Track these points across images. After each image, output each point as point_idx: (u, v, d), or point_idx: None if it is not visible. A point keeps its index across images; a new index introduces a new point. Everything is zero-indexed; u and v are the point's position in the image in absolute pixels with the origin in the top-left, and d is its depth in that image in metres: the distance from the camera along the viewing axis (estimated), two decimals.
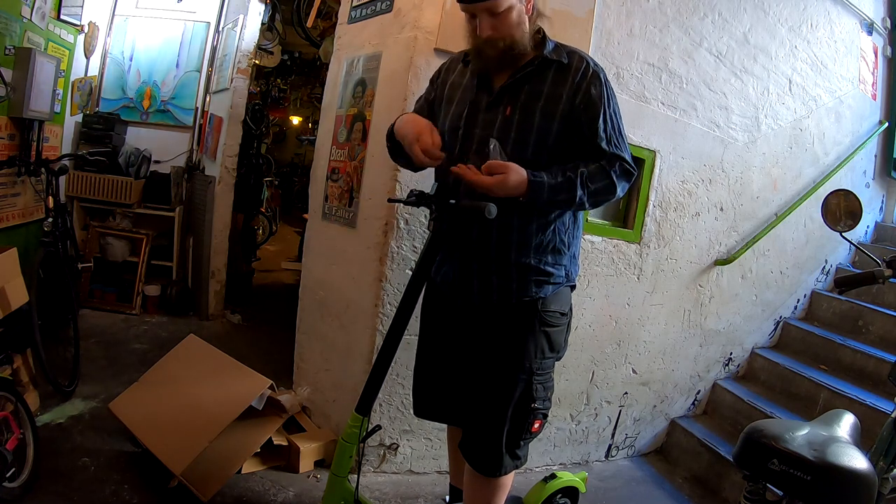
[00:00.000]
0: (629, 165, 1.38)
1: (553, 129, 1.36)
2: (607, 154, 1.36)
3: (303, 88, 9.37)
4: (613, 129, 1.38)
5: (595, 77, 1.37)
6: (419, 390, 1.63)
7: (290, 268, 5.15)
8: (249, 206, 4.16)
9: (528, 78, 1.39)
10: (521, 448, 1.46)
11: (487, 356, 1.43)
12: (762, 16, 2.65)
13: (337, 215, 2.23)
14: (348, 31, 2.32)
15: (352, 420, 1.39)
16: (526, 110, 1.37)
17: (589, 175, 1.33)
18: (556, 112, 1.36)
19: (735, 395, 2.72)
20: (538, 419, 1.44)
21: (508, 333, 1.41)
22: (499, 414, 1.41)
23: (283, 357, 2.71)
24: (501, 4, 1.35)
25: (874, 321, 2.91)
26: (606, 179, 1.35)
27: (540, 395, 1.42)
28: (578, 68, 1.38)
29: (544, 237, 1.41)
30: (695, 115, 2.47)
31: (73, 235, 3.06)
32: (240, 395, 1.98)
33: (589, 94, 1.36)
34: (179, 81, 3.91)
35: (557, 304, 1.44)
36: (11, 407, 1.71)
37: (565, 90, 1.37)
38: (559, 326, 1.45)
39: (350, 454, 1.39)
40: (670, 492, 2.40)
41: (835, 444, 1.22)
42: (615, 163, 1.36)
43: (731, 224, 2.73)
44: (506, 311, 1.42)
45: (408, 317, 1.38)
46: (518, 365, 1.40)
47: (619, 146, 1.38)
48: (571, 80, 1.37)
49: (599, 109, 1.36)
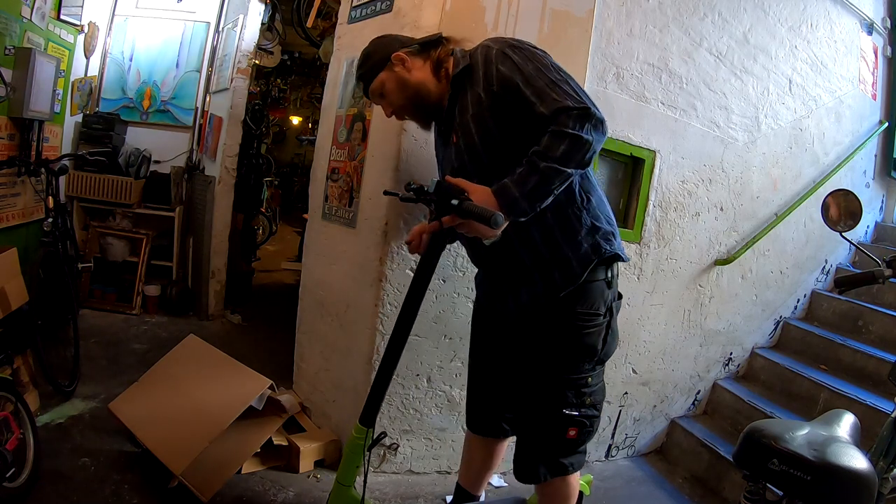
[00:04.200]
0: (578, 110, 1.21)
1: (493, 129, 1.32)
2: (547, 115, 1.23)
3: (303, 88, 9.37)
4: (544, 86, 1.25)
5: (499, 55, 1.31)
6: (473, 407, 1.64)
7: (290, 268, 5.15)
8: (249, 206, 4.16)
9: (454, 99, 1.41)
10: (568, 458, 1.40)
11: (520, 362, 1.42)
12: (762, 16, 2.65)
13: (337, 215, 2.23)
14: (348, 31, 2.31)
15: (356, 431, 1.37)
16: (464, 128, 1.36)
17: (544, 147, 1.21)
18: (485, 112, 1.32)
19: (735, 395, 2.72)
20: (573, 426, 1.35)
21: (538, 339, 1.38)
22: (529, 420, 1.40)
23: (283, 357, 2.71)
24: (375, 90, 1.48)
25: (874, 321, 2.91)
26: (564, 139, 1.20)
27: (571, 401, 1.34)
28: (480, 60, 1.35)
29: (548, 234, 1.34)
30: (695, 115, 2.47)
31: (73, 235, 3.06)
32: (240, 395, 1.98)
33: (501, 74, 1.29)
34: (179, 81, 3.91)
35: (588, 302, 1.34)
36: (11, 407, 1.71)
37: (480, 87, 1.33)
38: (592, 328, 1.35)
39: (356, 464, 1.37)
40: (670, 492, 2.40)
41: (835, 444, 1.22)
42: (561, 118, 1.21)
43: (731, 224, 2.73)
44: (539, 315, 1.37)
45: (411, 323, 1.34)
46: (545, 371, 1.36)
47: (556, 98, 1.23)
48: (481, 75, 1.33)
49: (516, 79, 1.27)
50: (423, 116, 1.51)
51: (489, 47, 1.35)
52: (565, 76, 1.28)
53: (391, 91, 1.46)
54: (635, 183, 2.39)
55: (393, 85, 1.45)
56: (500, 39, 1.37)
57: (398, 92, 1.45)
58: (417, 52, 1.45)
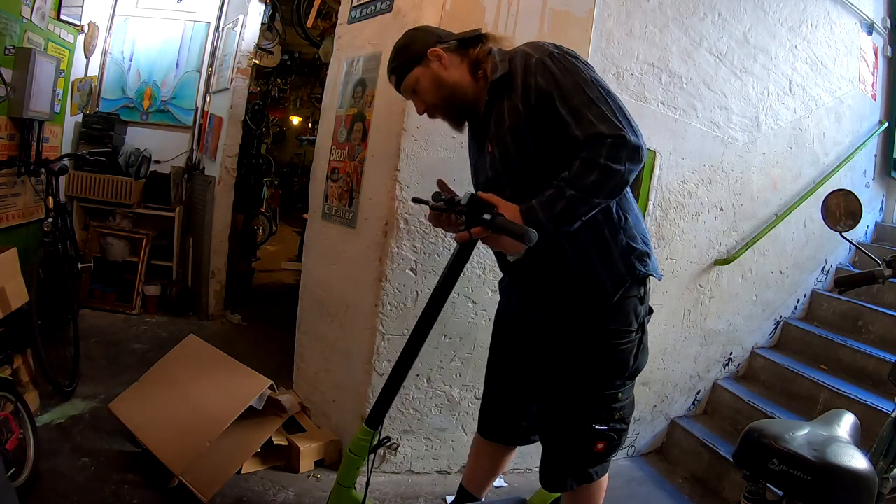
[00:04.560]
0: (612, 138, 1.16)
1: (529, 143, 1.27)
2: (581, 140, 1.19)
3: (303, 88, 9.37)
4: (581, 105, 1.20)
5: (538, 66, 1.24)
6: (489, 413, 1.62)
7: (290, 268, 5.15)
8: (249, 206, 4.16)
9: (491, 107, 1.34)
10: (594, 467, 1.40)
11: (549, 376, 1.40)
12: (762, 16, 2.65)
13: (337, 215, 2.23)
14: (348, 31, 2.32)
15: (361, 433, 1.35)
16: (500, 139, 1.32)
17: (573, 175, 1.18)
18: (522, 125, 1.27)
19: (735, 395, 2.72)
20: (602, 441, 1.35)
21: (569, 354, 1.36)
22: (558, 434, 1.39)
23: (283, 357, 2.71)
24: (408, 86, 1.41)
25: (874, 321, 2.91)
26: (594, 169, 1.16)
27: (602, 416, 1.33)
28: (520, 68, 1.28)
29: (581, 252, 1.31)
30: (695, 115, 2.47)
31: (73, 235, 3.06)
32: (240, 395, 1.98)
33: (538, 86, 1.24)
34: (179, 81, 3.91)
35: (621, 319, 1.32)
36: (11, 407, 1.71)
37: (518, 98, 1.27)
38: (625, 345, 1.33)
39: (358, 466, 1.36)
40: (670, 492, 2.40)
41: (835, 444, 1.22)
42: (595, 146, 1.17)
43: (731, 224, 2.73)
44: (570, 331, 1.35)
45: (429, 328, 1.32)
46: (577, 385, 1.34)
47: (591, 121, 1.18)
48: (519, 84, 1.27)
49: (553, 94, 1.22)
50: (457, 117, 1.45)
51: (529, 55, 1.27)
52: (604, 93, 1.22)
53: (425, 89, 1.39)
54: (635, 183, 2.36)
55: (428, 83, 1.38)
56: (541, 46, 1.29)
57: (433, 90, 1.38)
58: (455, 49, 1.38)
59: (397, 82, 1.44)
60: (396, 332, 2.02)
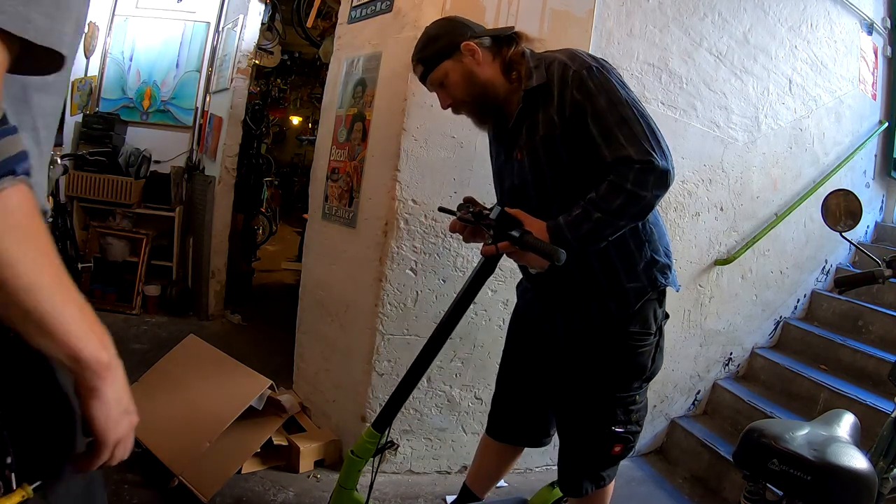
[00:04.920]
0: (640, 164, 1.16)
1: (562, 156, 1.26)
2: (609, 161, 1.19)
3: (303, 88, 9.36)
4: (612, 125, 1.19)
5: (575, 78, 1.22)
6: (500, 414, 1.61)
7: (290, 268, 5.15)
8: (249, 206, 4.16)
9: (524, 115, 1.31)
10: (607, 470, 1.42)
11: (568, 380, 1.40)
12: (762, 16, 2.65)
13: (337, 215, 2.23)
14: (348, 31, 2.32)
15: (367, 436, 1.34)
16: (531, 149, 1.30)
17: (600, 197, 1.19)
18: (556, 138, 1.25)
19: (735, 395, 2.72)
20: (619, 443, 1.36)
21: (589, 357, 1.36)
22: (577, 437, 1.40)
23: (283, 357, 2.71)
24: (436, 79, 1.34)
25: (874, 321, 2.91)
26: (620, 193, 1.17)
27: (620, 418, 1.34)
28: (556, 78, 1.25)
29: (607, 264, 1.32)
30: (695, 115, 2.47)
31: (73, 235, 3.07)
32: (240, 395, 1.98)
33: (574, 100, 1.23)
34: (179, 81, 3.91)
35: (641, 322, 1.34)
36: None
37: (554, 110, 1.25)
38: (644, 347, 1.34)
39: (359, 468, 1.35)
40: (670, 492, 2.40)
41: (835, 444, 1.22)
42: (622, 170, 1.17)
43: (731, 224, 2.73)
44: (589, 335, 1.36)
45: (444, 340, 1.31)
46: (596, 389, 1.35)
47: (621, 144, 1.18)
48: (555, 95, 1.25)
49: (587, 111, 1.21)
50: (484, 116, 1.40)
51: (567, 66, 1.24)
52: (637, 113, 1.20)
53: (455, 83, 1.33)
54: None
55: (458, 77, 1.32)
56: (578, 57, 1.25)
57: (463, 86, 1.33)
58: (488, 46, 1.33)
59: (424, 73, 1.36)
60: (396, 332, 2.02)
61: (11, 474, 0.62)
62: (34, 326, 0.54)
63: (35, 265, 0.52)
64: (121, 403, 0.65)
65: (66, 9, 0.52)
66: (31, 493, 0.63)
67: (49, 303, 0.53)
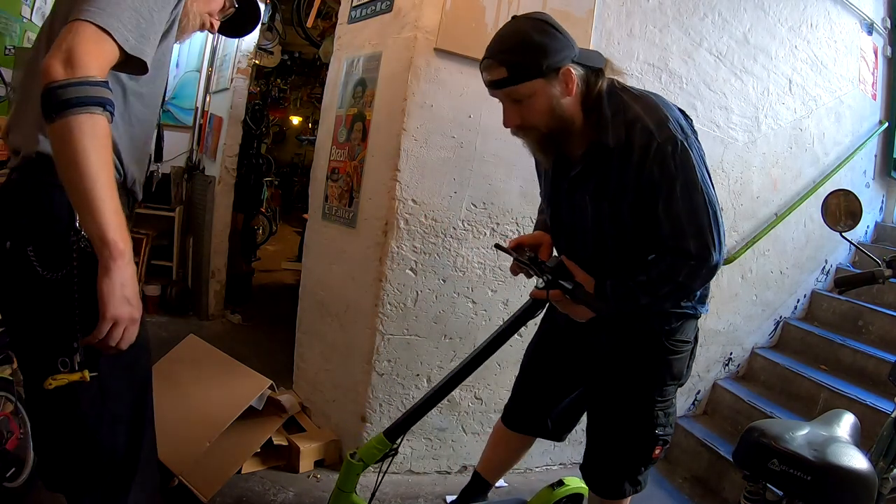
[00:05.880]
0: (696, 260, 1.17)
1: (627, 221, 1.23)
2: (668, 246, 1.19)
3: (303, 88, 9.36)
4: (680, 212, 1.16)
5: (658, 153, 1.15)
6: (521, 407, 1.61)
7: (290, 268, 5.15)
8: (249, 206, 4.16)
9: (593, 165, 1.24)
10: (642, 474, 1.42)
11: (610, 384, 1.41)
12: (762, 16, 2.65)
13: (337, 215, 2.23)
14: (348, 31, 2.32)
15: (377, 442, 1.33)
16: (598, 203, 1.25)
17: (650, 280, 1.20)
18: (625, 204, 1.21)
19: (735, 395, 2.72)
20: (659, 445, 1.38)
21: (632, 363, 1.37)
22: (621, 441, 1.40)
23: (283, 357, 2.71)
24: (516, 94, 1.16)
25: (874, 321, 2.90)
26: (671, 283, 1.20)
27: (661, 421, 1.37)
28: (637, 144, 1.17)
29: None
30: (695, 115, 2.45)
31: None
32: (240, 395, 1.98)
33: (651, 176, 1.16)
34: (179, 81, 3.91)
35: (681, 332, 1.37)
36: (11, 407, 1.71)
37: (629, 177, 1.19)
38: (682, 354, 1.38)
39: (358, 472, 1.34)
40: (670, 492, 2.40)
41: (835, 444, 1.22)
42: (678, 261, 1.19)
43: (731, 224, 2.72)
44: (631, 343, 1.38)
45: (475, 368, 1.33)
46: (642, 394, 1.37)
47: (682, 233, 1.17)
48: (634, 163, 1.18)
49: (660, 191, 1.17)
50: (547, 150, 1.28)
51: (652, 136, 1.16)
52: (706, 201, 1.17)
53: (538, 109, 1.18)
54: None
55: (545, 103, 1.17)
56: (665, 127, 1.17)
57: (546, 114, 1.19)
58: (580, 76, 1.19)
59: (503, 81, 1.16)
60: (396, 332, 2.02)
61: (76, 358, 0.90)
62: (85, 206, 0.81)
63: (100, 167, 0.81)
64: (124, 288, 0.84)
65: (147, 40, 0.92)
66: (87, 378, 0.90)
67: (100, 192, 0.80)
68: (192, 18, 1.10)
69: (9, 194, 0.98)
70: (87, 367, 0.91)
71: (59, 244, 0.93)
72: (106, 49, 0.85)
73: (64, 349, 0.92)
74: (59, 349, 0.92)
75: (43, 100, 0.80)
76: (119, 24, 0.86)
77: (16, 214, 0.95)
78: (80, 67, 0.81)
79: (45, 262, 0.93)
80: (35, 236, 0.93)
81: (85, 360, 0.91)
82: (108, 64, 0.86)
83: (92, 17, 0.84)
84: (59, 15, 0.95)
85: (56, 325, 0.93)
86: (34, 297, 0.94)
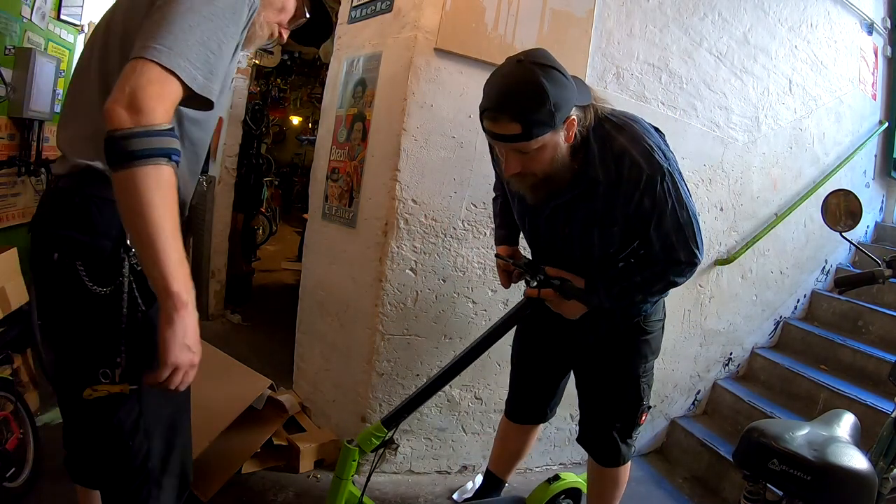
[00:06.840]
0: (686, 265, 1.33)
1: (615, 243, 1.35)
2: (661, 260, 1.32)
3: (303, 88, 9.38)
4: (669, 231, 1.26)
5: (648, 185, 1.20)
6: (521, 401, 1.75)
7: (290, 268, 5.15)
8: (249, 206, 4.16)
9: (580, 198, 1.29)
10: (632, 438, 1.59)
11: (601, 368, 1.55)
12: (762, 16, 2.65)
13: (337, 215, 2.23)
14: (348, 31, 2.32)
15: (375, 429, 1.36)
16: (586, 228, 1.33)
17: (643, 280, 1.35)
18: (614, 228, 1.31)
19: (735, 395, 2.72)
20: (644, 412, 1.57)
21: (618, 349, 1.52)
22: (615, 415, 1.56)
23: (283, 357, 2.71)
24: (530, 146, 1.13)
25: (874, 321, 2.91)
26: (662, 281, 1.35)
27: (646, 392, 1.55)
28: (628, 179, 1.21)
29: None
30: (695, 115, 2.47)
31: None
32: (240, 395, 1.98)
33: (642, 207, 1.23)
34: None
35: (655, 313, 1.53)
36: (11, 407, 1.71)
37: (617, 208, 1.26)
38: (657, 331, 1.55)
39: (355, 458, 1.36)
40: (670, 492, 2.40)
41: (835, 444, 1.22)
42: (670, 267, 1.33)
43: (731, 224, 2.73)
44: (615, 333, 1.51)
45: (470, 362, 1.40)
46: (628, 373, 1.52)
47: (673, 245, 1.28)
48: (622, 194, 1.24)
49: (652, 220, 1.25)
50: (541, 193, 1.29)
51: (641, 169, 1.18)
52: (691, 214, 1.29)
53: (541, 160, 1.17)
54: None
55: (549, 154, 1.17)
56: (653, 159, 1.20)
57: (549, 162, 1.18)
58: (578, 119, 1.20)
59: (516, 137, 1.12)
60: (396, 332, 2.02)
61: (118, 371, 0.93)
62: (149, 257, 0.81)
63: (165, 218, 0.80)
64: (186, 338, 0.84)
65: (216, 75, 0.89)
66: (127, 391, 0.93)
67: (164, 244, 0.80)
68: (260, 28, 1.06)
69: (56, 204, 0.96)
70: (127, 379, 0.93)
71: (108, 260, 0.93)
72: (172, 91, 0.82)
73: (107, 361, 0.93)
74: (103, 361, 0.93)
75: (107, 147, 0.77)
76: (187, 63, 0.82)
77: (63, 227, 0.94)
78: (146, 114, 0.77)
79: (94, 276, 0.92)
80: (84, 251, 0.93)
81: (126, 372, 0.93)
82: (174, 105, 0.83)
83: (158, 57, 0.79)
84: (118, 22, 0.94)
85: (101, 338, 0.93)
86: (81, 310, 0.94)
